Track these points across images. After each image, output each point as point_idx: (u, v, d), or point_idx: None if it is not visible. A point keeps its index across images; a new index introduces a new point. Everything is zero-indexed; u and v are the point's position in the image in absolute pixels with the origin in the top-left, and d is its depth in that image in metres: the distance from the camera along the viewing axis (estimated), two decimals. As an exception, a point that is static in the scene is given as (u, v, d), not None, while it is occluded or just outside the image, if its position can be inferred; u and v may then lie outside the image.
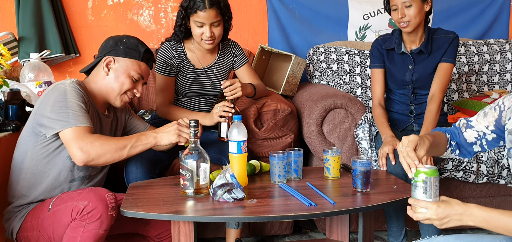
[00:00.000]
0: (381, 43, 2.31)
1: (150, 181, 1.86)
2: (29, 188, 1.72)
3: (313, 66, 2.98)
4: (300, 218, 1.53)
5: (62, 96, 1.65)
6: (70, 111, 1.63)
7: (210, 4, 2.11)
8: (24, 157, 1.72)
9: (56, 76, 2.95)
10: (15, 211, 1.73)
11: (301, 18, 3.22)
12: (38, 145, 1.69)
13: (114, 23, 3.10)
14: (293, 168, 1.82)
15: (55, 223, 1.61)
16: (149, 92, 2.86)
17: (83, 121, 1.64)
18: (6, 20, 3.00)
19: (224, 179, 1.56)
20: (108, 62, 1.79)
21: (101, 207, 1.54)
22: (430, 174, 1.28)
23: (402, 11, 2.12)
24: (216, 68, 2.34)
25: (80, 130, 1.63)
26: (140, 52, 1.82)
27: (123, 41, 1.82)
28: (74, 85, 1.70)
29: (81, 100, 1.68)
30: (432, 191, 1.28)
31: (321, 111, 2.36)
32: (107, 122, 1.87)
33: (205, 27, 2.14)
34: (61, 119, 1.63)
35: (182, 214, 1.49)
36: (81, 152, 1.61)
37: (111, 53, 1.80)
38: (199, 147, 1.61)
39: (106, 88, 1.80)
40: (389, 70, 2.30)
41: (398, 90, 2.32)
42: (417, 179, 1.29)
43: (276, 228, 2.45)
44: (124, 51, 1.80)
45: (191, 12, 2.14)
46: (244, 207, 1.53)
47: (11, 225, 1.72)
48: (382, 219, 2.45)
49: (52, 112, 1.64)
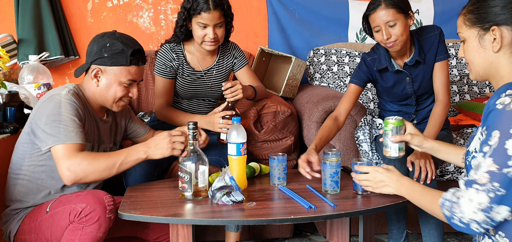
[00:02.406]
0: (371, 63, 2.16)
1: (148, 184, 1.84)
2: (26, 194, 1.71)
3: (314, 68, 2.97)
4: (300, 221, 1.51)
5: (57, 109, 1.62)
6: (62, 127, 1.60)
7: (214, 5, 2.10)
8: (22, 163, 1.70)
9: (55, 79, 2.94)
10: (12, 213, 1.72)
11: (302, 19, 3.20)
12: (35, 153, 1.68)
13: (114, 25, 3.09)
14: (330, 181, 1.68)
15: (53, 226, 1.59)
16: (148, 94, 2.85)
17: (74, 137, 1.61)
18: (6, 22, 2.99)
19: (223, 182, 1.54)
20: (95, 73, 1.72)
21: (99, 209, 1.53)
22: (396, 123, 1.66)
23: (386, 31, 1.99)
24: (215, 70, 2.33)
25: (69, 147, 1.59)
26: (127, 57, 1.70)
27: (107, 47, 1.69)
28: (69, 97, 1.65)
29: (75, 114, 1.64)
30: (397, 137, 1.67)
31: (322, 114, 2.35)
32: (106, 127, 1.84)
33: (209, 28, 2.13)
34: (53, 134, 1.60)
35: (181, 217, 1.48)
36: (68, 171, 1.58)
37: (96, 62, 1.71)
38: (198, 149, 1.60)
39: (100, 97, 1.75)
40: (388, 90, 2.21)
41: (401, 104, 2.25)
42: (386, 128, 1.68)
43: (276, 231, 2.43)
44: (109, 60, 1.69)
45: (194, 13, 2.12)
46: (244, 210, 1.52)
47: (8, 228, 1.71)
48: (383, 222, 2.43)
49: (46, 125, 1.61)
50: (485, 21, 1.31)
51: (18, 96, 2.12)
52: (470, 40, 1.35)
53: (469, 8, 1.37)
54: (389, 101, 2.28)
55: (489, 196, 1.15)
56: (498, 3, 1.30)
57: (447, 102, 2.09)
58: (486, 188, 1.16)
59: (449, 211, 1.22)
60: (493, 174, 1.16)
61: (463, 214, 1.18)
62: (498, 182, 1.15)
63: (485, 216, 1.16)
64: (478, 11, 1.33)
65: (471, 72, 1.39)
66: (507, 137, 1.15)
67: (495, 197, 1.15)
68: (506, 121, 1.16)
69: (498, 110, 1.19)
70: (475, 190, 1.17)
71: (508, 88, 1.23)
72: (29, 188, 1.70)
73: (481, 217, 1.16)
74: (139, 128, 2.03)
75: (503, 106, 1.18)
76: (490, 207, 1.15)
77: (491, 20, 1.30)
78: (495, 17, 1.29)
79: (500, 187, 1.15)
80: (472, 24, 1.34)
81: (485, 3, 1.32)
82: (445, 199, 1.25)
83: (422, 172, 1.91)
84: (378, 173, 1.52)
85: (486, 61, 1.33)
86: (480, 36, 1.33)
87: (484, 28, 1.31)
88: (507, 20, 1.28)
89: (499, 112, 1.18)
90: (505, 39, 1.29)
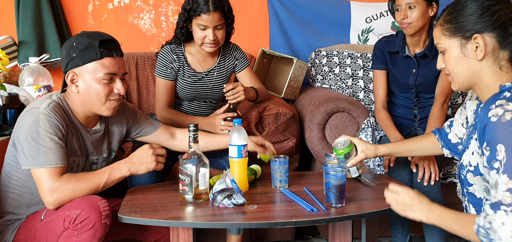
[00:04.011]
0: (384, 45, 2.27)
1: (148, 186, 1.83)
2: (18, 207, 1.67)
3: (315, 69, 2.95)
4: (302, 224, 1.50)
5: (35, 127, 1.53)
6: (41, 149, 1.53)
7: (214, 7, 2.09)
8: (10, 176, 1.65)
9: (56, 81, 2.93)
10: (7, 224, 1.68)
11: (303, 21, 3.19)
12: (20, 168, 1.62)
13: (115, 27, 3.08)
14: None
15: (48, 234, 1.56)
16: (149, 96, 2.84)
17: (54, 160, 1.54)
18: (6, 24, 2.98)
19: (224, 184, 1.53)
20: (71, 78, 1.62)
21: (95, 215, 1.49)
22: (345, 151, 1.71)
23: (405, 12, 2.09)
24: (216, 71, 2.31)
25: (50, 171, 1.53)
26: (96, 50, 1.58)
27: (74, 47, 1.59)
28: (47, 113, 1.56)
29: (54, 132, 1.55)
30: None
31: (323, 115, 2.33)
32: (94, 137, 1.74)
33: (208, 30, 2.12)
34: (32, 155, 1.54)
35: (181, 220, 1.46)
36: (51, 198, 1.53)
37: (69, 66, 1.61)
38: (198, 152, 1.58)
39: (86, 104, 1.65)
40: (392, 74, 2.27)
41: (401, 94, 2.28)
42: (339, 157, 1.73)
43: (277, 234, 2.41)
44: (80, 58, 1.59)
45: (194, 15, 2.11)
46: (245, 212, 1.50)
47: (3, 239, 1.66)
48: (386, 225, 2.41)
49: (25, 144, 1.54)
50: (466, 29, 1.29)
51: (18, 99, 2.11)
52: (451, 50, 1.33)
53: (446, 18, 1.34)
54: (392, 91, 2.31)
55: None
56: (475, 11, 1.28)
57: (442, 104, 2.14)
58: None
59: (486, 238, 1.16)
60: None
61: (501, 240, 1.13)
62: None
63: None
64: (457, 21, 1.31)
65: (454, 83, 1.36)
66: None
67: None
68: (507, 133, 1.15)
69: (494, 123, 1.18)
70: (503, 212, 1.13)
71: (495, 99, 1.21)
72: (20, 201, 1.66)
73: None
74: (147, 127, 1.94)
75: (498, 118, 1.17)
76: None
77: (471, 28, 1.28)
78: (475, 25, 1.28)
79: None
80: (451, 34, 1.32)
81: (462, 11, 1.30)
82: (479, 226, 1.18)
83: (426, 173, 1.92)
84: (408, 196, 1.38)
85: (469, 70, 1.31)
86: (462, 45, 1.30)
87: (466, 37, 1.29)
88: (487, 27, 1.27)
89: (496, 125, 1.18)
90: (488, 46, 1.27)
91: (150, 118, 1.99)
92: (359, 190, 1.72)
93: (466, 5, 1.30)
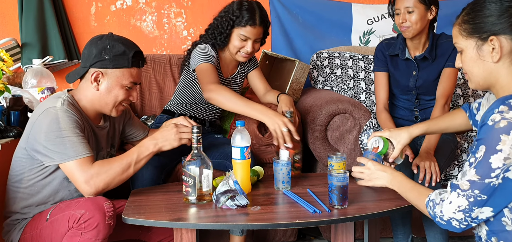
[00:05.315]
0: (385, 47, 2.29)
1: (152, 188, 1.84)
2: (26, 206, 1.68)
3: (317, 71, 2.96)
4: (304, 226, 1.50)
5: (55, 124, 1.57)
6: (67, 142, 1.56)
7: (260, 21, 2.14)
8: (21, 177, 1.66)
9: (59, 83, 2.95)
10: (14, 223, 1.70)
11: (305, 23, 3.20)
12: (35, 168, 1.64)
13: (117, 29, 3.09)
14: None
15: (53, 233, 1.58)
16: (152, 98, 2.85)
17: (82, 150, 1.58)
18: (9, 26, 3.00)
19: (227, 186, 1.54)
20: (96, 77, 1.66)
21: (99, 216, 1.51)
22: (383, 151, 1.71)
23: (404, 16, 2.10)
24: (238, 78, 2.37)
25: (81, 162, 1.57)
26: (129, 59, 1.67)
27: (108, 49, 1.65)
28: (65, 109, 1.60)
29: (75, 125, 1.59)
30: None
31: (325, 117, 2.34)
32: (103, 133, 1.80)
33: (249, 42, 2.15)
34: (58, 151, 1.57)
35: (185, 221, 1.47)
36: (89, 186, 1.57)
37: (96, 65, 1.66)
38: (202, 153, 1.59)
39: (99, 103, 1.70)
40: (393, 76, 2.28)
41: (401, 96, 2.29)
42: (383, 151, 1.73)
43: (280, 235, 2.42)
44: (111, 62, 1.65)
45: (239, 24, 2.13)
46: (248, 214, 1.51)
47: (10, 238, 1.69)
48: (388, 226, 2.42)
49: (48, 142, 1.57)
50: (482, 31, 1.28)
51: (22, 100, 2.12)
52: (468, 51, 1.32)
53: (464, 18, 1.33)
54: (393, 93, 2.32)
55: (469, 200, 1.22)
56: (494, 12, 1.27)
57: (443, 106, 2.14)
58: (466, 194, 1.23)
59: (432, 211, 1.30)
60: (474, 183, 1.22)
61: (443, 214, 1.27)
62: (478, 189, 1.21)
63: (464, 216, 1.24)
64: (474, 22, 1.30)
65: (471, 82, 1.37)
66: (492, 153, 1.20)
67: (474, 201, 1.22)
68: (493, 138, 1.20)
69: (489, 127, 1.21)
70: (457, 193, 1.25)
71: (501, 103, 1.22)
72: (30, 201, 1.68)
73: (460, 216, 1.24)
74: (138, 130, 2.01)
75: (493, 123, 1.20)
76: (470, 209, 1.23)
77: (488, 29, 1.27)
78: (492, 27, 1.26)
79: (480, 193, 1.21)
80: (468, 34, 1.31)
81: (480, 13, 1.29)
82: (430, 199, 1.32)
83: (427, 174, 1.92)
84: (374, 166, 1.57)
85: (485, 71, 1.31)
86: (478, 46, 1.30)
87: (482, 39, 1.29)
88: (505, 29, 1.26)
89: (489, 129, 1.21)
90: (505, 49, 1.27)
91: (142, 123, 2.07)
92: (361, 192, 1.73)
93: (484, 6, 1.28)
